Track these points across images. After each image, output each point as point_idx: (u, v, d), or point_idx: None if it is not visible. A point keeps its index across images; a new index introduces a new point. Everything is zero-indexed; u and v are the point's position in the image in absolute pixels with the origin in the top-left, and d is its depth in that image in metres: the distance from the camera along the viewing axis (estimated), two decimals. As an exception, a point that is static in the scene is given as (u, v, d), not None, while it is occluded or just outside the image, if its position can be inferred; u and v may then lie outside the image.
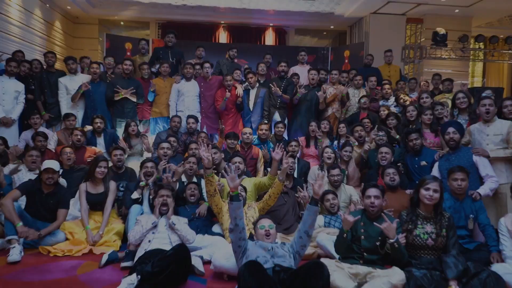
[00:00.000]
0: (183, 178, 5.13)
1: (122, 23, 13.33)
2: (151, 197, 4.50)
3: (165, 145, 5.42)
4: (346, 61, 11.25)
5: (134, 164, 5.98)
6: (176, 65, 7.36)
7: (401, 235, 3.46)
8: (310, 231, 3.35)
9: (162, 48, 7.57)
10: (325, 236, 4.00)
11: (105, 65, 7.18)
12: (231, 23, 13.11)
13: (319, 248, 4.00)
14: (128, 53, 10.48)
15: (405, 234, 3.50)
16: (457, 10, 10.96)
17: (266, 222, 3.45)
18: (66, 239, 4.29)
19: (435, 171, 4.76)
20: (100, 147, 6.20)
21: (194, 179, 5.16)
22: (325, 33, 13.92)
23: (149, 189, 4.61)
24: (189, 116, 6.43)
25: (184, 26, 12.79)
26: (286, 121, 6.91)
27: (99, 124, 6.12)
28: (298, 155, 5.94)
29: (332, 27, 13.25)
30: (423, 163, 4.92)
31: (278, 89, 6.64)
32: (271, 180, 4.54)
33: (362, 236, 3.54)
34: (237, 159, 4.87)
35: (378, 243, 3.49)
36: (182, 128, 6.58)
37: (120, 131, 6.46)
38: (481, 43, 11.52)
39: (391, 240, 3.29)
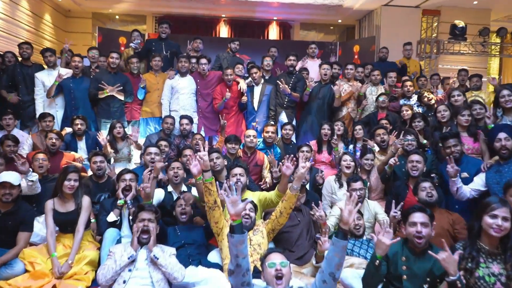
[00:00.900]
0: (169, 188, 4.24)
1: (117, 17, 12.44)
2: (131, 217, 3.59)
3: (152, 150, 4.52)
4: (356, 56, 10.33)
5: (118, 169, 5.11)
6: (171, 59, 6.43)
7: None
8: (337, 273, 2.44)
9: (155, 40, 6.65)
10: (351, 273, 3.09)
11: (89, 58, 6.27)
12: (232, 16, 12.23)
13: (343, 288, 3.09)
14: (122, 48, 9.59)
15: (463, 275, 2.59)
16: (475, 2, 10.03)
17: (277, 259, 2.52)
18: (26, 271, 3.37)
19: (477, 185, 3.86)
20: (81, 152, 5.32)
21: (184, 188, 4.26)
22: (332, 27, 13.01)
23: (128, 208, 3.70)
24: (182, 117, 5.54)
25: (182, 20, 11.91)
26: (294, 122, 6.00)
27: (79, 126, 5.23)
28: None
29: (340, 21, 12.33)
30: (465, 174, 4.00)
31: (286, 86, 5.74)
32: (279, 197, 3.64)
33: (404, 276, 2.69)
34: (237, 170, 3.93)
35: (426, 286, 2.61)
36: (176, 130, 5.69)
37: (105, 134, 5.57)
38: (497, 38, 10.57)
39: (452, 278, 2.38)
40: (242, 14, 12.00)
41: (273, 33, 12.40)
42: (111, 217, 3.64)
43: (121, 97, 5.80)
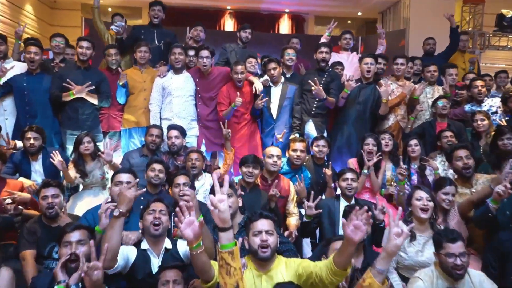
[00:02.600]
0: (144, 245, 2.64)
1: (109, 9, 10.84)
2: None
3: (124, 177, 2.94)
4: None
5: (89, 203, 3.57)
6: (164, 51, 4.79)
7: None
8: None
9: (144, 27, 5.01)
10: None
11: (52, 49, 4.65)
12: (238, 8, 10.64)
13: None
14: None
15: None
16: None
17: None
18: None
19: None
20: (36, 175, 3.76)
21: (168, 244, 2.67)
22: (349, 21, 11.42)
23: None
24: (170, 127, 3.98)
25: (183, 12, 10.30)
26: (325, 135, 4.41)
27: (32, 141, 3.65)
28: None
29: (359, 13, 10.74)
30: None
31: (321, 88, 4.12)
32: (336, 275, 2.05)
33: None
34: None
35: None
36: (164, 144, 4.13)
37: (69, 151, 4.00)
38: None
39: None
40: (250, 6, 10.39)
41: (285, 27, 10.81)
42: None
43: (94, 101, 4.20)
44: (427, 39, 5.64)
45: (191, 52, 4.51)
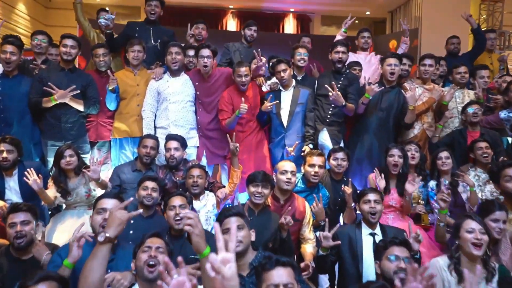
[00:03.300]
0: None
1: (107, 8, 10.32)
2: None
3: (109, 203, 2.32)
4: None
5: (72, 226, 3.01)
6: (161, 50, 4.19)
7: None
8: None
9: (139, 24, 4.44)
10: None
11: (33, 48, 4.09)
12: (241, 7, 10.08)
13: None
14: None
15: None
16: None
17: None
18: None
19: None
20: (11, 194, 3.22)
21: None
22: (357, 21, 10.79)
23: None
24: (169, 137, 3.43)
25: (183, 12, 9.76)
26: (342, 145, 3.85)
27: (5, 154, 3.10)
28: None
29: (368, 13, 10.18)
30: None
31: (339, 94, 3.56)
32: None
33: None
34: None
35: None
36: (161, 155, 3.57)
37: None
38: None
39: None
40: (253, 5, 9.81)
41: (289, 27, 10.24)
42: None
43: (80, 107, 3.64)
44: (450, 38, 5.06)
45: (191, 52, 3.96)
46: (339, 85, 3.68)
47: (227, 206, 3.15)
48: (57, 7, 9.85)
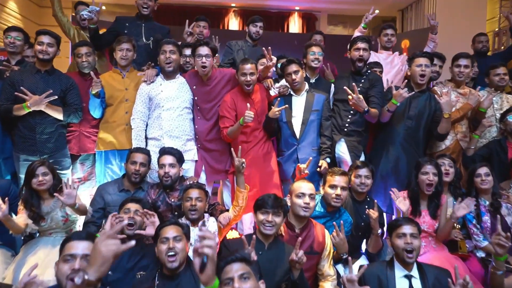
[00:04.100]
0: None
1: (104, 7, 9.82)
2: None
3: (80, 248, 1.73)
4: (405, 53, 7.60)
5: (45, 256, 2.63)
6: (154, 50, 3.60)
7: None
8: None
9: (129, 19, 3.86)
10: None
11: (6, 47, 3.50)
12: (244, 5, 9.57)
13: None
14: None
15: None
16: None
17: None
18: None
19: None
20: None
21: None
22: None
23: None
24: (163, 151, 2.88)
25: (183, 11, 9.27)
26: (362, 157, 3.29)
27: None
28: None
29: (377, 11, 9.60)
30: None
31: (360, 96, 2.99)
32: None
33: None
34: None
35: None
36: (153, 172, 3.02)
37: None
38: None
39: None
40: (256, 3, 9.33)
41: (294, 26, 9.72)
42: None
43: (58, 115, 3.08)
44: (478, 36, 4.49)
45: (187, 51, 3.40)
46: (359, 88, 3.12)
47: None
48: (50, 5, 9.29)
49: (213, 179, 3.33)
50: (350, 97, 2.94)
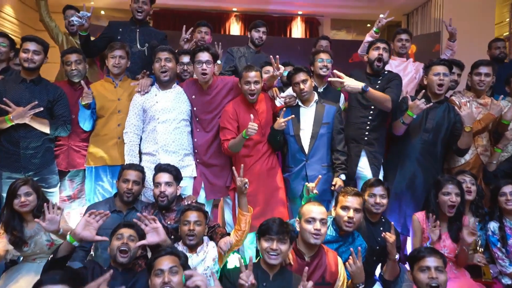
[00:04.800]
0: None
1: (102, 12, 9.59)
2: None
3: None
4: (411, 59, 7.35)
5: (28, 284, 2.27)
6: (149, 57, 3.27)
7: None
8: None
9: (123, 24, 3.60)
10: None
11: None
12: (246, 10, 9.30)
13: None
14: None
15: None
16: None
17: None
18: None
19: None
20: None
21: None
22: (368, 25, 10.06)
23: None
24: (159, 169, 2.61)
25: (184, 16, 9.03)
26: (381, 174, 3.03)
27: None
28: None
29: (381, 16, 9.37)
30: None
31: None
32: None
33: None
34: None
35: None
36: (147, 190, 2.77)
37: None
38: None
39: None
40: (258, 7, 9.06)
41: (297, 31, 9.46)
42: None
43: (45, 129, 2.83)
44: (494, 41, 4.22)
45: (185, 59, 3.14)
46: (376, 88, 2.88)
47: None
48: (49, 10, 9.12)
49: (213, 197, 3.06)
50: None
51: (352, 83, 2.79)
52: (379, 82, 3.02)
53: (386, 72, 3.10)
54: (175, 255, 2.04)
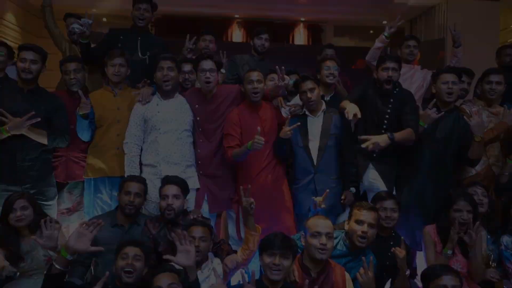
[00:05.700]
0: None
1: (104, 19, 9.56)
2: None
3: None
4: (419, 66, 7.30)
5: None
6: (151, 65, 3.18)
7: None
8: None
9: (124, 32, 3.53)
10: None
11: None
12: (248, 16, 9.28)
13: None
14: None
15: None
16: None
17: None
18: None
19: None
20: None
21: None
22: (372, 31, 10.01)
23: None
24: (166, 181, 2.52)
25: (186, 22, 9.02)
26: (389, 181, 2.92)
27: None
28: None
29: (385, 22, 9.30)
30: None
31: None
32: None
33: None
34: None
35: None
36: (148, 203, 2.66)
37: None
38: None
39: None
40: (261, 14, 9.03)
41: (300, 37, 9.44)
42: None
43: (42, 140, 2.73)
44: (503, 48, 4.09)
45: (186, 67, 3.05)
46: (389, 109, 2.78)
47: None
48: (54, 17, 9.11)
49: (216, 210, 2.95)
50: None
51: (381, 141, 2.64)
52: (391, 101, 2.89)
53: (397, 90, 2.97)
54: (175, 272, 1.98)
